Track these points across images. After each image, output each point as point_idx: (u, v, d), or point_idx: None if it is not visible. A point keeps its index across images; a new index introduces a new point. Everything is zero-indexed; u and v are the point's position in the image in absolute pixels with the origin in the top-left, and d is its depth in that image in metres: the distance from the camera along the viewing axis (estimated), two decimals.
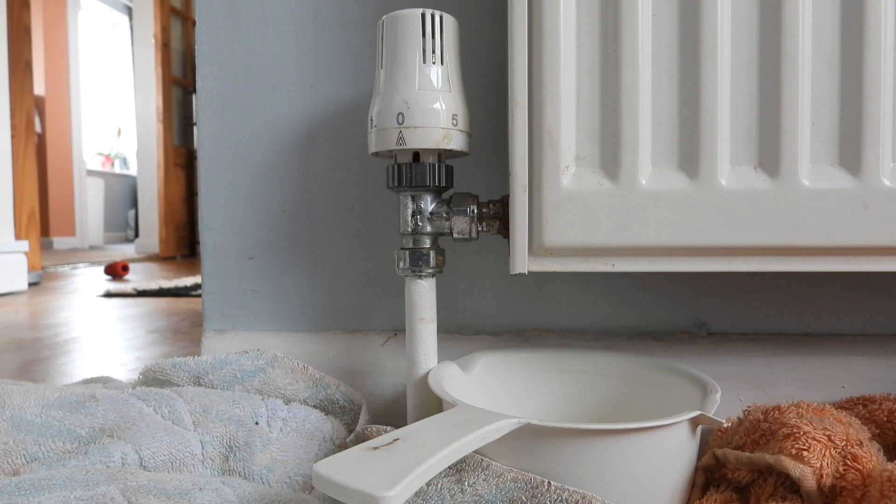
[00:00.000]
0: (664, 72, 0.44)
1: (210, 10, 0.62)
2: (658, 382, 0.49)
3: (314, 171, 0.61)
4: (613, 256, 0.45)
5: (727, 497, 0.40)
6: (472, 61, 0.58)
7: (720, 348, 0.57)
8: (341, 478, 0.28)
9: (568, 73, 0.44)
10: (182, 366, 0.53)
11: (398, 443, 0.32)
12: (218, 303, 0.64)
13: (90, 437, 0.41)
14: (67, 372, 0.92)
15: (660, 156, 0.44)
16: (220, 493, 0.38)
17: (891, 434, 0.47)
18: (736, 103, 0.43)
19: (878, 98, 0.42)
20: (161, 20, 4.00)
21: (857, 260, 0.44)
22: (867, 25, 0.42)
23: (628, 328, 0.59)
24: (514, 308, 0.60)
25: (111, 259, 3.52)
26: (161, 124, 4.07)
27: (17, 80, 2.12)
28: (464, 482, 0.37)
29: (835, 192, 0.43)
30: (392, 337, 0.61)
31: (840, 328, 0.57)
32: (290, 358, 0.53)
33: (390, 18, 0.46)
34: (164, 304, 1.72)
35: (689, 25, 0.43)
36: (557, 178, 0.44)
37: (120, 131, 6.49)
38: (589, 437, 0.37)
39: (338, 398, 0.51)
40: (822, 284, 0.57)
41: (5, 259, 1.98)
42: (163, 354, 1.03)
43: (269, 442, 0.45)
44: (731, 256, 0.44)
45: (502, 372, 0.52)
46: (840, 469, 0.37)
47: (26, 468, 0.38)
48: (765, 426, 0.42)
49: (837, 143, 0.43)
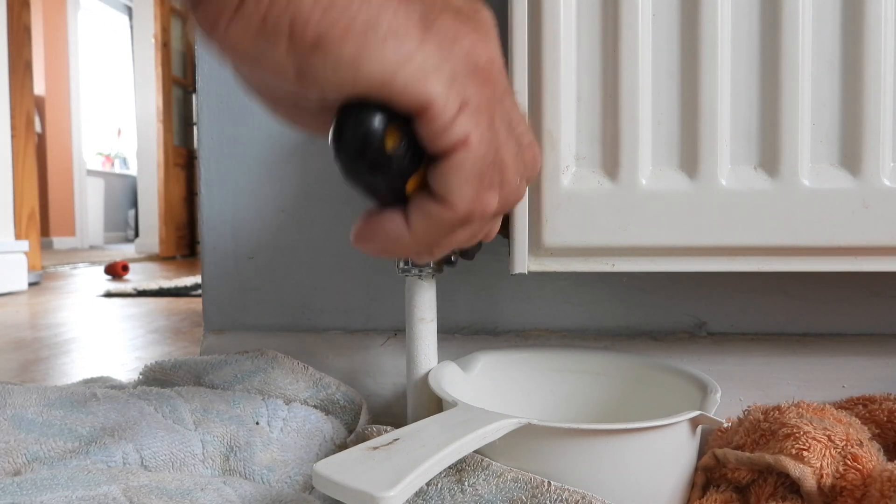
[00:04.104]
0: (664, 72, 0.44)
1: None
2: (658, 382, 0.49)
3: (314, 171, 0.61)
4: (613, 256, 0.45)
5: (727, 497, 0.40)
6: None
7: (720, 348, 0.57)
8: (341, 477, 0.28)
9: (568, 73, 0.44)
10: (182, 365, 0.53)
11: (398, 443, 0.32)
12: (218, 303, 0.64)
13: (91, 437, 0.41)
14: (67, 372, 0.92)
15: (660, 156, 0.44)
16: (222, 492, 0.38)
17: (891, 434, 0.47)
18: (736, 103, 0.43)
19: (878, 98, 0.42)
20: (161, 20, 4.00)
21: (857, 260, 0.44)
22: (867, 25, 0.42)
23: (628, 328, 0.59)
24: (514, 308, 0.60)
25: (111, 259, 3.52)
26: (161, 124, 4.07)
27: (17, 80, 2.13)
28: (464, 482, 0.37)
29: (835, 192, 0.43)
30: (392, 337, 0.61)
31: (840, 328, 0.57)
32: (290, 358, 0.53)
33: None
34: (164, 304, 1.72)
35: (688, 25, 0.43)
36: (557, 178, 0.44)
37: (120, 131, 6.49)
38: (589, 437, 0.37)
39: (338, 398, 0.51)
40: (822, 284, 0.57)
41: (5, 259, 1.98)
42: (163, 354, 1.03)
43: (270, 442, 0.45)
44: (731, 256, 0.44)
45: (502, 372, 0.52)
46: (840, 469, 0.37)
47: (28, 468, 0.38)
48: (765, 426, 0.42)
49: (837, 143, 0.43)
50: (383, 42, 0.25)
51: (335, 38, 0.25)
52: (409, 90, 0.26)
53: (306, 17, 0.24)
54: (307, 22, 0.24)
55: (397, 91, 0.26)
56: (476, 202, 0.29)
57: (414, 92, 0.26)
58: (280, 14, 0.25)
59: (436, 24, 0.26)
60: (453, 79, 0.27)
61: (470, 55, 0.27)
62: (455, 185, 0.28)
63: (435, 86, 0.26)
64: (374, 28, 0.25)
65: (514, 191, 0.32)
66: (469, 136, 0.27)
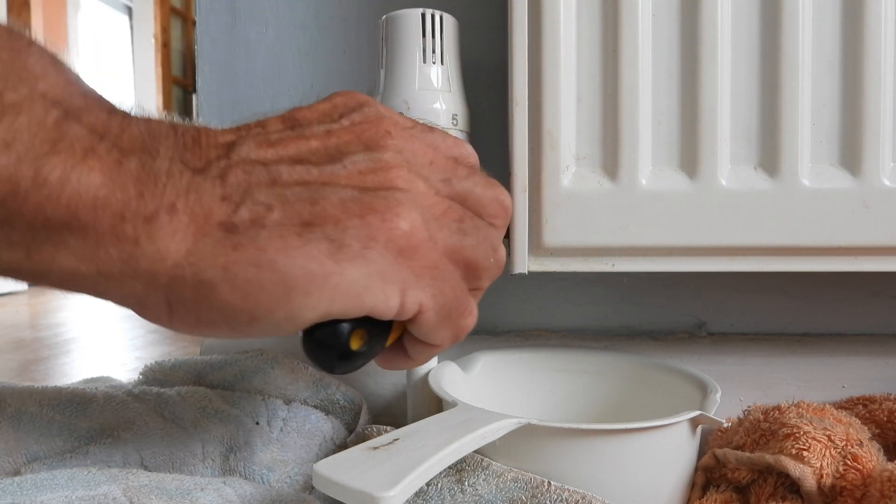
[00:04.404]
0: (664, 72, 0.44)
1: (210, 10, 0.62)
2: (658, 382, 0.49)
3: None
4: (613, 256, 0.45)
5: (727, 497, 0.40)
6: (472, 61, 0.58)
7: (720, 348, 0.57)
8: (341, 477, 0.28)
9: (568, 73, 0.44)
10: (182, 365, 0.53)
11: (398, 442, 0.32)
12: None
13: (91, 437, 0.41)
14: (67, 372, 0.92)
15: (660, 156, 0.44)
16: (222, 492, 0.38)
17: (891, 434, 0.47)
18: (736, 103, 0.43)
19: (878, 98, 0.42)
20: (161, 20, 4.00)
21: (857, 260, 0.44)
22: (867, 25, 0.42)
23: (628, 328, 0.59)
24: (514, 308, 0.60)
25: None
26: None
27: None
28: (464, 482, 0.37)
29: (835, 192, 0.43)
30: None
31: (840, 328, 0.57)
32: (290, 358, 0.53)
33: (390, 18, 0.46)
34: None
35: (688, 25, 0.43)
36: (557, 178, 0.44)
37: None
38: (589, 436, 0.37)
39: (338, 398, 0.51)
40: (822, 284, 0.57)
41: None
42: (163, 354, 1.03)
43: (270, 442, 0.45)
44: (731, 256, 0.44)
45: (502, 372, 0.52)
46: (840, 469, 0.37)
47: (27, 468, 0.38)
48: (765, 426, 0.42)
49: (837, 143, 0.43)
50: (306, 290, 0.26)
51: (264, 309, 0.25)
52: (351, 310, 0.27)
53: (232, 306, 0.25)
54: (234, 310, 0.25)
55: (340, 313, 0.27)
56: (457, 332, 0.32)
57: (355, 309, 0.27)
58: (208, 311, 0.25)
59: (345, 241, 0.26)
60: (384, 278, 0.27)
61: (389, 244, 0.27)
62: (431, 334, 0.31)
63: (367, 298, 0.27)
64: (293, 285, 0.25)
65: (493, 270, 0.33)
66: (420, 304, 0.29)
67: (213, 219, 0.25)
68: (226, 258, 0.25)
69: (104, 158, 0.23)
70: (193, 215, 0.24)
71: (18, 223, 0.22)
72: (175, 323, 0.26)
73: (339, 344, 0.28)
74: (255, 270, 0.25)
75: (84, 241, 0.23)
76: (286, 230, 0.26)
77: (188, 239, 0.24)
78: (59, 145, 0.22)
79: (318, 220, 0.26)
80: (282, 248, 0.25)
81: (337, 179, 0.27)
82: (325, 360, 0.29)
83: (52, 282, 0.24)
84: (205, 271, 0.24)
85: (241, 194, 0.26)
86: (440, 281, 0.30)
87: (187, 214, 0.24)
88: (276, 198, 0.26)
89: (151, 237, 0.24)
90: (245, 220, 0.25)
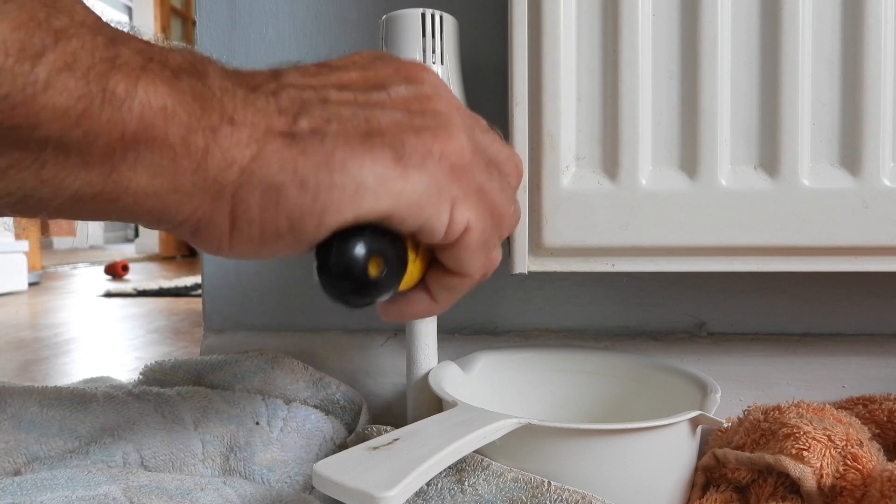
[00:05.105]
0: (664, 72, 0.44)
1: (210, 10, 0.62)
2: (658, 382, 0.49)
3: None
4: (613, 256, 0.45)
5: (727, 497, 0.40)
6: (472, 61, 0.58)
7: (720, 348, 0.57)
8: (341, 478, 0.28)
9: (568, 73, 0.44)
10: (182, 365, 0.53)
11: (398, 443, 0.32)
12: (218, 303, 0.64)
13: (91, 437, 0.41)
14: (67, 372, 0.92)
15: (660, 156, 0.44)
16: (222, 492, 0.38)
17: (891, 434, 0.47)
18: (736, 103, 0.43)
19: (878, 98, 0.42)
20: (161, 20, 4.00)
21: (857, 260, 0.44)
22: (867, 25, 0.42)
23: (628, 328, 0.59)
24: (514, 308, 0.60)
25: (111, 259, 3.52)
26: None
27: None
28: (464, 482, 0.37)
29: (835, 192, 0.43)
30: (392, 337, 0.61)
31: (840, 328, 0.57)
32: (290, 358, 0.53)
33: (390, 18, 0.46)
34: (164, 304, 1.72)
35: (688, 25, 0.43)
36: (557, 178, 0.44)
37: None
38: (589, 437, 0.37)
39: (338, 398, 0.51)
40: (822, 284, 0.57)
41: (5, 259, 1.98)
42: (163, 354, 1.03)
43: (270, 442, 0.45)
44: (731, 256, 0.44)
45: (502, 372, 0.52)
46: (840, 469, 0.38)
47: (28, 468, 0.38)
48: (765, 426, 0.42)
49: (837, 143, 0.43)
50: (375, 192, 0.26)
51: (332, 211, 0.26)
52: (407, 221, 0.28)
53: (300, 208, 0.25)
54: (303, 213, 0.26)
55: (395, 223, 0.28)
56: (488, 265, 0.32)
57: (411, 221, 0.28)
58: (274, 218, 0.26)
59: (406, 151, 0.27)
60: (440, 191, 0.28)
61: (442, 160, 0.28)
62: (467, 260, 0.31)
63: (427, 208, 0.28)
64: (363, 187, 0.26)
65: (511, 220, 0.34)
66: (468, 222, 0.29)
67: (273, 129, 0.25)
68: (294, 162, 0.25)
69: (160, 74, 0.23)
70: (254, 126, 0.25)
71: (97, 142, 0.22)
72: (234, 241, 0.26)
73: (356, 262, 0.27)
74: (326, 172, 0.25)
75: (160, 155, 0.23)
76: (350, 137, 0.26)
77: (252, 146, 0.25)
78: (117, 62, 0.22)
79: (377, 132, 0.27)
80: (349, 153, 0.26)
81: (383, 103, 0.28)
82: (340, 287, 0.28)
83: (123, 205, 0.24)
84: (273, 175, 0.25)
85: (297, 108, 0.26)
86: (483, 204, 0.30)
87: (248, 126, 0.25)
88: (331, 113, 0.27)
89: (219, 145, 0.24)
90: (305, 129, 0.26)
